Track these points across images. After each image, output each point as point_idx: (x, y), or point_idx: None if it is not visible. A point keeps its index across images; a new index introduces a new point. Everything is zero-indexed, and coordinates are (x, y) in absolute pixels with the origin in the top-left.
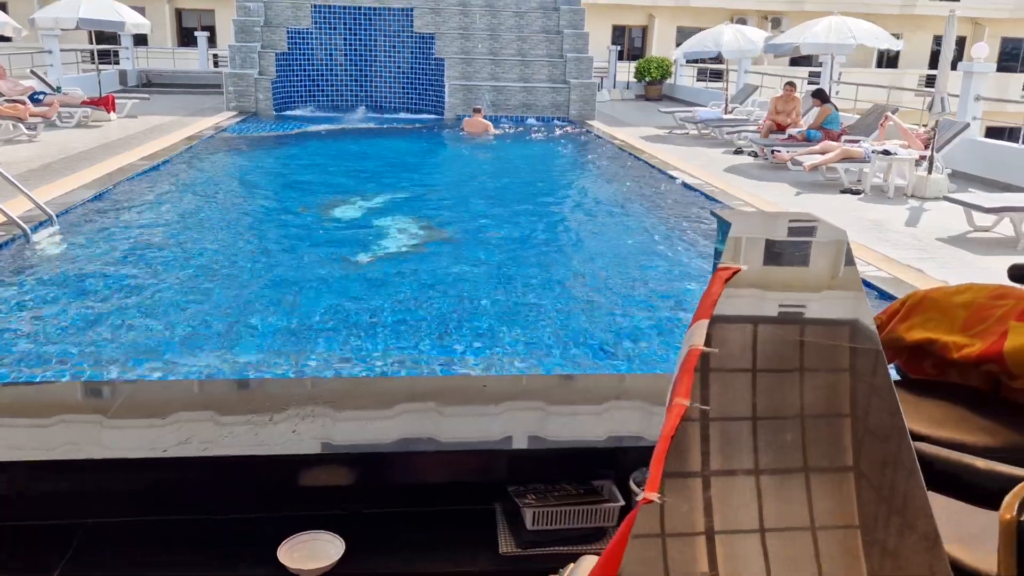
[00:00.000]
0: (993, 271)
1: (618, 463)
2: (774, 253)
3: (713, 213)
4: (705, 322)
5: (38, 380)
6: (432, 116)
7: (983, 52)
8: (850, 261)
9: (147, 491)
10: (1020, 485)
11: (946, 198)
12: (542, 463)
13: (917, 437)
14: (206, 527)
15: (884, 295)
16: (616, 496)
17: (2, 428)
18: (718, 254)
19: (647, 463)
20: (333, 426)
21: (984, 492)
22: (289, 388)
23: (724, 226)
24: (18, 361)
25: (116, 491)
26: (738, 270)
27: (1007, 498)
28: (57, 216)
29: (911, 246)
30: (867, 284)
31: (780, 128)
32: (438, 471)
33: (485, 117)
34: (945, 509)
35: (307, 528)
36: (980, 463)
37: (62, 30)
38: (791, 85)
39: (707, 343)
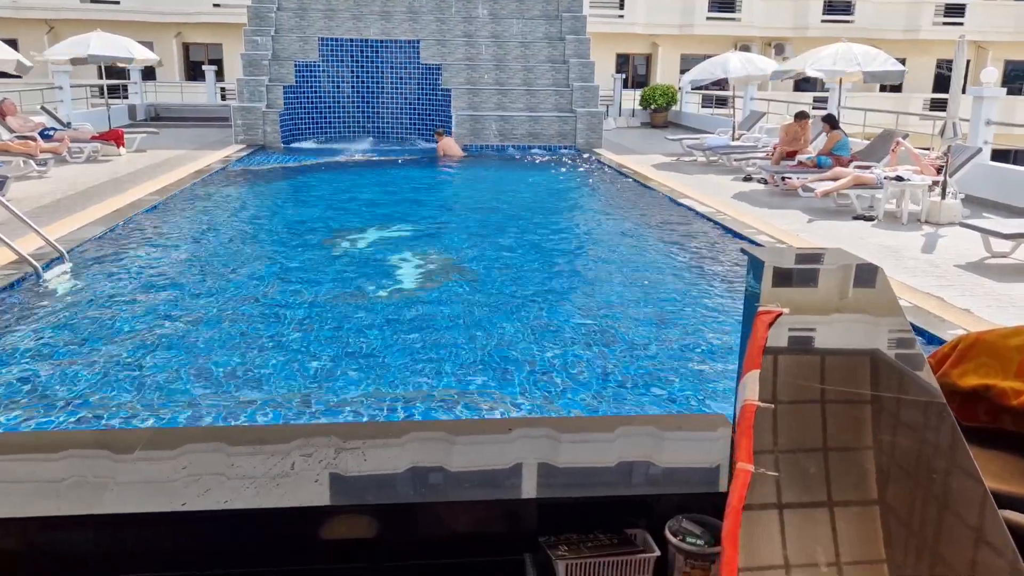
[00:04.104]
0: (1015, 298)
1: (651, 511)
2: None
3: (743, 251)
4: (756, 373)
5: (48, 427)
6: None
7: (993, 77)
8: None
9: (165, 546)
10: None
11: (962, 224)
12: (573, 511)
13: None
14: None
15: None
16: (651, 546)
17: (9, 479)
18: (751, 294)
19: (682, 510)
20: (357, 475)
21: None
22: (310, 434)
23: (756, 264)
24: (28, 406)
25: (132, 546)
26: (780, 313)
27: None
28: (68, 253)
29: (929, 273)
30: None
31: (790, 155)
32: (464, 521)
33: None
34: None
35: None
36: None
37: (72, 65)
38: (804, 117)
39: (761, 396)
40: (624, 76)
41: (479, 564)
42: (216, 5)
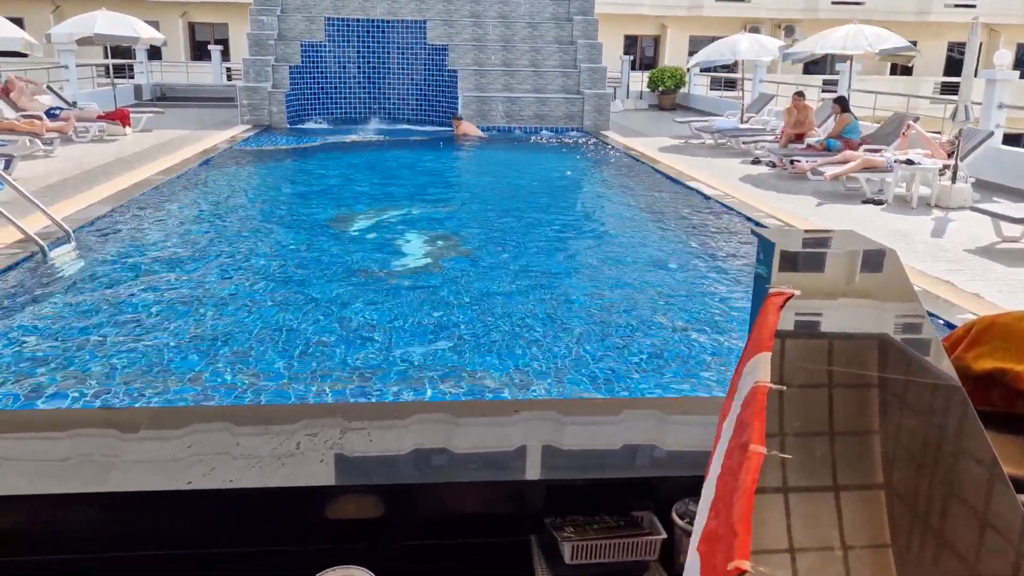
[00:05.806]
0: None
1: (658, 493)
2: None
3: (753, 232)
4: (768, 355)
5: (52, 406)
6: (445, 128)
7: (1006, 59)
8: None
9: (170, 524)
10: None
11: (973, 208)
12: (579, 493)
13: None
14: (233, 562)
15: None
16: (658, 528)
17: (15, 457)
18: (760, 277)
19: (689, 493)
20: (363, 455)
21: None
22: (315, 414)
23: (767, 246)
24: (33, 384)
25: (136, 524)
26: (792, 295)
27: None
28: (74, 232)
29: (938, 257)
30: None
31: (799, 138)
32: (470, 502)
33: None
34: None
35: (337, 563)
36: None
37: (78, 44)
38: (799, 95)
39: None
40: (632, 58)
41: (485, 545)
42: None
